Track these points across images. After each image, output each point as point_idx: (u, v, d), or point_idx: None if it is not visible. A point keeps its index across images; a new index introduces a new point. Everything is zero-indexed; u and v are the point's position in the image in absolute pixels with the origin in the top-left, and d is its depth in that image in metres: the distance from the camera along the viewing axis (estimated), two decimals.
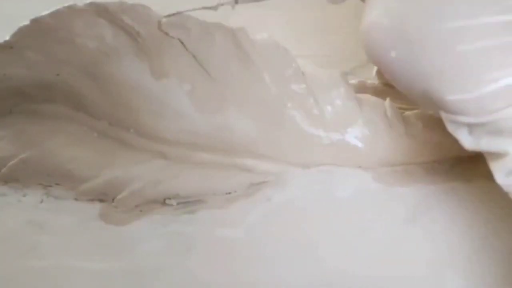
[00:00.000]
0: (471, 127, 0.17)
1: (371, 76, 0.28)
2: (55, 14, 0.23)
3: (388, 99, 0.25)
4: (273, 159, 0.25)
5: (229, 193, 0.25)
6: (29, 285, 0.23)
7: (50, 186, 0.26)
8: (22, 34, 0.23)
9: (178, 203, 0.25)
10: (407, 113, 0.25)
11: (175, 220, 0.24)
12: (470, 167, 0.25)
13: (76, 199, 0.25)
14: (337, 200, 0.24)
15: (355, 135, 0.24)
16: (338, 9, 0.22)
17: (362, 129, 0.24)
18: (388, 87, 0.28)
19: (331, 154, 0.25)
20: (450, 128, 0.18)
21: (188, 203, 0.25)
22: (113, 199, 0.25)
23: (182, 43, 0.23)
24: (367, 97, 0.25)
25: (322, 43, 0.34)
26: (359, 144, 0.24)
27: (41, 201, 0.25)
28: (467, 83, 0.16)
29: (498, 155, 0.18)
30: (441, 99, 0.17)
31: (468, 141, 0.18)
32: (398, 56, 0.17)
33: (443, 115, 0.18)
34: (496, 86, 0.16)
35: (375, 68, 0.28)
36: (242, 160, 0.25)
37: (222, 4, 0.22)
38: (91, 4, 0.23)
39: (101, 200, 0.25)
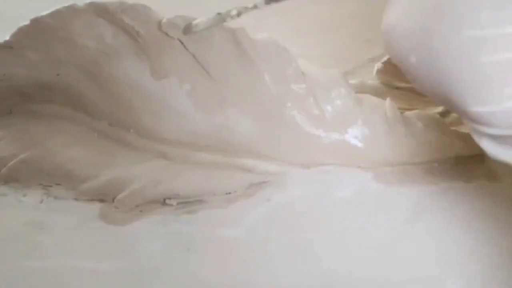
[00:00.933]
0: (497, 138, 0.16)
1: (371, 76, 0.28)
2: (55, 14, 0.23)
3: (388, 99, 0.25)
4: (273, 159, 0.25)
5: (229, 193, 0.25)
6: (29, 285, 0.23)
7: (50, 186, 0.26)
8: (22, 34, 0.23)
9: (178, 203, 0.25)
10: (407, 113, 0.25)
11: (175, 220, 0.24)
12: (470, 167, 0.25)
13: (76, 199, 0.25)
14: (337, 200, 0.24)
15: (355, 135, 0.24)
16: (338, 9, 0.22)
17: (362, 129, 0.24)
18: (388, 87, 0.28)
19: (331, 154, 0.25)
20: (475, 137, 0.17)
21: (188, 203, 0.25)
22: (113, 199, 0.25)
23: (182, 43, 0.23)
24: (367, 97, 0.25)
25: (322, 43, 0.34)
26: (359, 144, 0.24)
27: (41, 201, 0.25)
28: (490, 95, 0.15)
29: None
30: (463, 110, 0.16)
31: (495, 152, 0.16)
32: (418, 62, 0.16)
33: (467, 123, 0.17)
34: None
35: (375, 68, 0.28)
36: (242, 160, 0.25)
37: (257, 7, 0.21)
38: (91, 4, 0.23)
39: (101, 200, 0.25)
